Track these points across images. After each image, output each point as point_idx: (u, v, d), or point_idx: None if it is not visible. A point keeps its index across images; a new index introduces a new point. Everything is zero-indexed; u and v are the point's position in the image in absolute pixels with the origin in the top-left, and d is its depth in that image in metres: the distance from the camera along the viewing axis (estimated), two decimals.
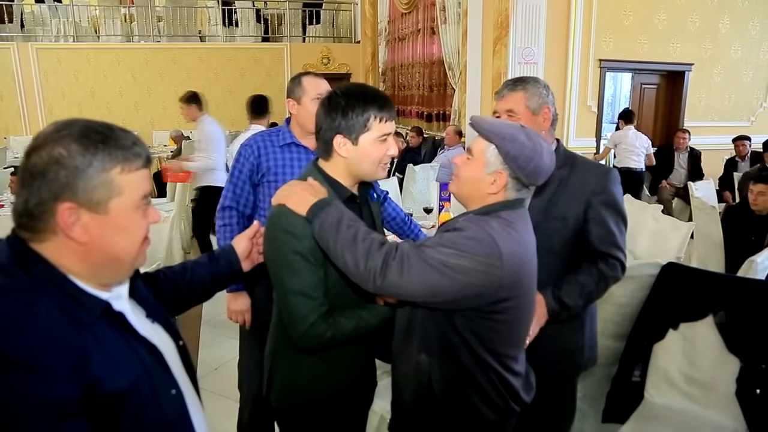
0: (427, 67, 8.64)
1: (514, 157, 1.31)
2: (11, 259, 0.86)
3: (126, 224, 0.91)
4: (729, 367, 2.08)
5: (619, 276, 1.76)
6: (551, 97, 1.80)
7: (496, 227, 1.28)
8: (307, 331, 1.35)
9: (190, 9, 11.55)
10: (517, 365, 1.42)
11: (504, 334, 1.35)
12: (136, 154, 0.91)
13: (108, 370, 0.86)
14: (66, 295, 0.87)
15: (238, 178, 2.18)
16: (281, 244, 1.35)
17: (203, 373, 3.46)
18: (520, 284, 1.32)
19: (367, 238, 1.26)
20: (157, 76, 10.96)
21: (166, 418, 0.96)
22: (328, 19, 12.33)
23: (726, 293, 2.12)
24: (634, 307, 2.38)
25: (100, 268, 0.91)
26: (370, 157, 1.40)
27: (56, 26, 11.08)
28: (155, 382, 0.95)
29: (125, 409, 0.88)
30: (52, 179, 0.84)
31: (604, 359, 2.50)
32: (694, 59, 6.73)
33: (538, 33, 5.82)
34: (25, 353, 0.78)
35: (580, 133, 6.36)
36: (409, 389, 1.43)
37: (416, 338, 1.39)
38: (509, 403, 1.40)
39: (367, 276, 1.24)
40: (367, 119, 1.37)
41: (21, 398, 0.77)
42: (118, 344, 0.90)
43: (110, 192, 0.88)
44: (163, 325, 1.07)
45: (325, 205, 1.30)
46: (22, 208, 0.87)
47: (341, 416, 1.57)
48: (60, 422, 0.79)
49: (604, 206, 1.72)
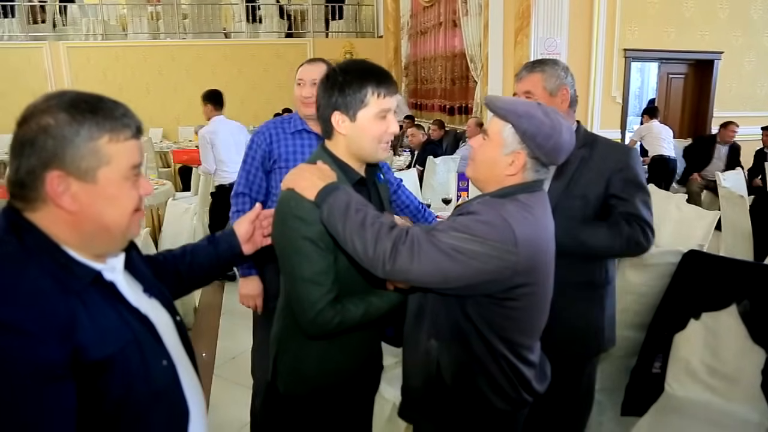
0: (449, 60, 8.58)
1: (532, 135, 1.25)
2: (5, 228, 0.87)
3: (115, 194, 0.91)
4: (754, 358, 2.01)
5: (642, 242, 1.68)
6: (570, 78, 1.78)
7: (512, 211, 1.23)
8: (316, 317, 1.33)
9: (214, 6, 11.70)
10: (531, 355, 1.38)
11: (518, 323, 1.31)
12: (125, 124, 0.91)
13: (95, 337, 0.86)
14: (57, 263, 0.88)
15: (251, 165, 2.20)
16: (290, 230, 1.33)
17: (221, 362, 3.51)
18: (536, 271, 1.27)
19: (376, 222, 1.22)
20: (182, 72, 11.12)
21: (156, 388, 0.96)
22: (351, 15, 12.34)
23: (750, 281, 2.04)
24: (655, 297, 2.32)
25: (91, 237, 0.91)
26: (370, 134, 1.36)
27: (86, 25, 11.34)
28: (145, 352, 0.95)
29: (113, 375, 0.88)
30: (41, 148, 0.85)
31: (623, 350, 2.44)
32: (724, 47, 6.53)
33: (561, 23, 5.72)
34: (12, 317, 0.79)
35: (604, 125, 6.23)
36: (419, 375, 1.41)
37: (426, 324, 1.36)
38: (521, 393, 1.36)
39: (376, 261, 1.20)
40: (365, 94, 1.33)
41: (8, 360, 0.78)
42: (107, 312, 0.91)
43: (98, 161, 0.88)
44: (160, 300, 1.08)
45: (333, 190, 1.26)
46: (14, 177, 0.87)
47: (348, 401, 1.56)
48: (46, 385, 0.80)
49: (626, 182, 1.69)
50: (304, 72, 2.15)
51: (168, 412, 1.00)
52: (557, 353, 1.69)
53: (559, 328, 1.67)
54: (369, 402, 1.72)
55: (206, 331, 4.00)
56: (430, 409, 1.41)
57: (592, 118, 6.16)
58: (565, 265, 1.71)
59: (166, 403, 0.99)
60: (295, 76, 2.21)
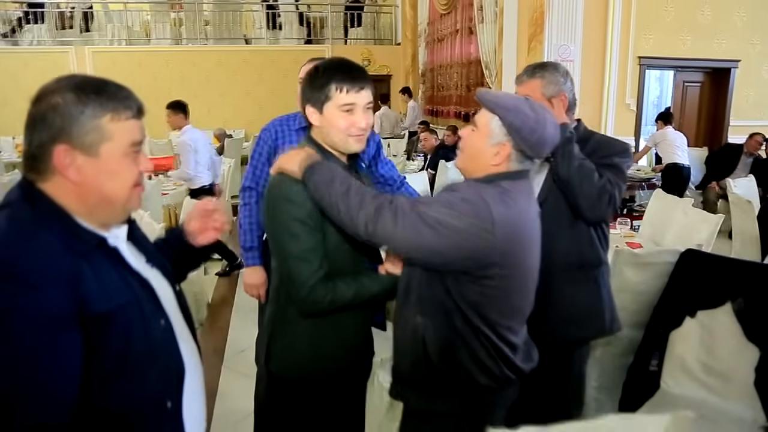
0: (465, 66, 8.63)
1: (518, 128, 1.32)
2: (20, 197, 0.98)
3: (116, 168, 1.00)
4: (748, 356, 2.03)
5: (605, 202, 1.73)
6: (569, 83, 1.86)
7: (492, 193, 1.31)
8: (308, 294, 1.40)
9: (235, 13, 11.92)
10: (513, 336, 1.42)
11: (496, 302, 1.37)
12: (127, 105, 1.00)
13: (98, 293, 0.95)
14: (65, 228, 0.97)
15: (258, 160, 2.30)
16: (280, 212, 1.41)
17: (231, 354, 3.62)
18: (513, 253, 1.33)
19: (361, 189, 1.32)
20: (203, 78, 11.33)
21: (154, 345, 1.05)
22: (370, 22, 12.47)
23: (745, 280, 2.06)
24: (653, 295, 2.34)
25: (95, 207, 1.00)
26: (335, 127, 1.43)
27: (111, 31, 11.63)
28: (144, 311, 1.04)
29: (115, 329, 0.98)
30: (50, 124, 0.95)
31: (622, 348, 2.47)
32: (741, 55, 6.49)
33: (575, 30, 5.76)
34: (24, 271, 0.89)
35: (618, 131, 6.22)
36: (406, 352, 1.47)
37: (413, 301, 1.42)
38: (503, 370, 1.41)
39: (359, 223, 1.28)
40: (329, 89, 1.41)
41: (21, 310, 0.87)
42: (110, 274, 1.00)
43: (101, 137, 0.97)
44: (161, 271, 1.16)
45: (317, 164, 1.36)
46: (27, 150, 0.98)
47: (340, 385, 1.62)
48: (56, 333, 0.90)
49: (607, 166, 1.77)
50: (304, 71, 2.23)
51: (165, 369, 1.08)
52: (552, 337, 1.74)
53: (553, 310, 1.74)
54: (361, 386, 1.77)
55: (218, 325, 4.10)
56: (417, 385, 1.46)
57: (605, 124, 6.17)
58: (557, 248, 1.78)
59: (163, 360, 1.08)
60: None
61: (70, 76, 0.99)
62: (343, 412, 1.74)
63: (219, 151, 8.33)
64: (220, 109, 11.37)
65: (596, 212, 1.73)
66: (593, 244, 1.82)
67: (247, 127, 10.91)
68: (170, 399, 1.09)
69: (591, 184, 1.70)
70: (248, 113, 10.98)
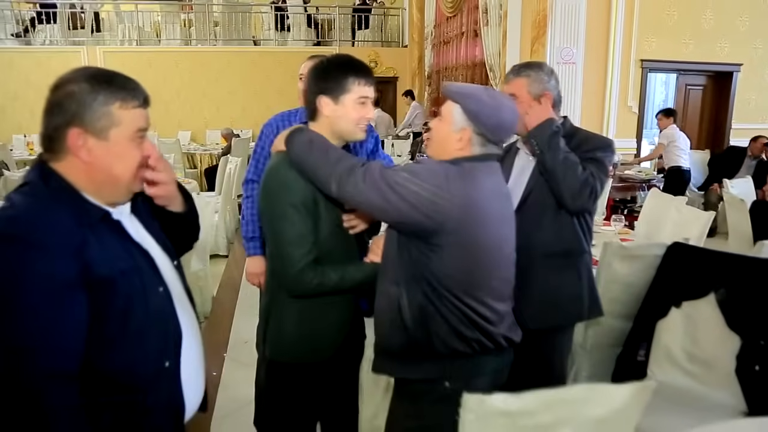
0: (470, 69, 8.72)
1: (476, 113, 1.45)
2: (37, 175, 1.12)
3: (122, 151, 1.13)
4: (729, 344, 2.10)
5: (586, 192, 1.81)
6: (554, 82, 1.96)
7: (452, 168, 1.44)
8: (297, 276, 1.51)
9: (245, 14, 12.05)
10: (485, 310, 1.48)
11: (457, 273, 1.45)
12: (134, 95, 1.13)
13: (101, 259, 1.09)
14: (74, 202, 1.10)
15: (260, 154, 2.41)
16: (276, 197, 1.51)
17: (234, 345, 3.73)
18: (468, 224, 1.43)
19: (339, 152, 1.47)
20: (212, 78, 11.47)
21: (153, 308, 1.17)
22: (377, 24, 12.57)
23: (727, 271, 2.14)
24: (641, 287, 2.42)
25: (102, 185, 1.14)
26: (350, 116, 1.56)
27: (122, 31, 11.80)
28: (144, 278, 1.17)
29: (116, 292, 1.10)
30: (67, 109, 1.08)
31: (612, 339, 2.55)
32: (744, 59, 6.55)
33: (578, 33, 5.83)
34: (37, 236, 1.02)
35: (620, 134, 6.29)
36: (384, 322, 1.55)
37: (389, 271, 1.53)
38: (478, 336, 1.48)
39: (332, 179, 1.42)
40: (347, 81, 1.54)
41: (33, 272, 1.01)
42: (113, 244, 1.13)
43: (110, 122, 1.10)
44: (161, 245, 1.29)
45: (297, 131, 1.51)
46: (45, 132, 1.11)
47: (332, 367, 1.71)
48: (63, 292, 1.03)
49: (590, 160, 1.85)
50: (304, 68, 2.34)
51: (163, 332, 1.20)
52: (535, 321, 1.82)
53: (537, 296, 1.83)
54: (354, 369, 1.86)
55: (222, 318, 4.20)
56: (397, 355, 1.54)
57: (607, 127, 6.23)
58: (542, 237, 1.87)
59: (162, 324, 1.20)
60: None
61: (85, 68, 1.13)
62: (337, 393, 1.83)
63: (226, 150, 8.45)
64: (229, 108, 11.51)
65: (578, 202, 1.81)
66: (576, 233, 1.91)
67: (254, 127, 11.03)
68: (168, 359, 1.20)
69: (574, 175, 1.78)
70: (256, 113, 11.09)
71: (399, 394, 1.63)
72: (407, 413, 1.58)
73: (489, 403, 1.12)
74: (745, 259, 2.19)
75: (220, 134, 9.82)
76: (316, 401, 1.77)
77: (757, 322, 2.03)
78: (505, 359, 1.59)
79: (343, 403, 1.90)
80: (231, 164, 6.61)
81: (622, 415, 1.17)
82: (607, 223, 3.60)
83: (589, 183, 1.80)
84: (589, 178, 1.80)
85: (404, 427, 1.60)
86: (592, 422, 1.15)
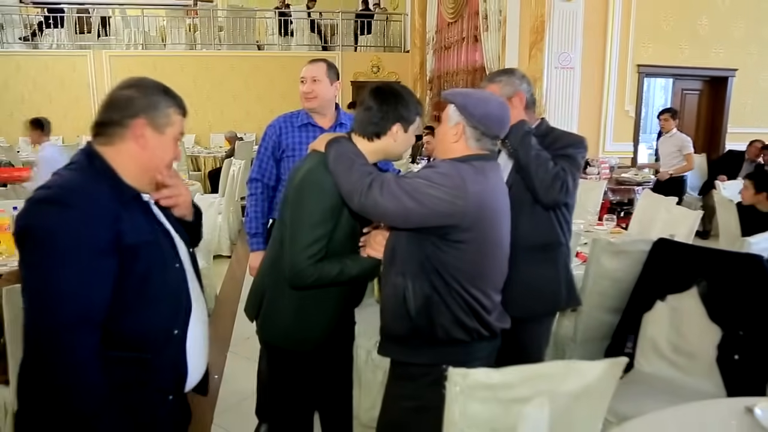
0: (470, 74, 8.83)
1: (464, 106, 1.60)
2: (84, 156, 1.30)
3: (167, 147, 1.35)
4: (711, 335, 2.19)
5: (557, 186, 1.91)
6: (526, 85, 2.08)
7: (465, 168, 1.55)
8: (299, 271, 1.63)
9: (249, 19, 12.21)
10: (485, 299, 1.62)
11: (467, 265, 1.57)
12: (181, 106, 1.37)
13: (131, 229, 1.26)
14: (112, 181, 1.28)
15: (264, 154, 2.53)
16: (310, 196, 1.63)
17: (236, 341, 3.83)
18: (483, 221, 1.56)
19: (362, 167, 1.59)
20: (216, 82, 11.62)
21: (169, 279, 1.34)
22: (379, 30, 12.71)
23: (708, 265, 2.24)
24: (629, 282, 2.52)
25: (144, 170, 1.33)
26: (407, 145, 1.73)
27: (128, 36, 11.96)
28: (164, 252, 1.34)
29: (138, 259, 1.27)
30: (137, 104, 1.29)
31: (601, 333, 2.64)
32: (739, 65, 6.65)
33: (575, 38, 5.94)
34: (78, 202, 1.19)
35: (617, 138, 6.40)
36: (390, 310, 1.67)
37: (397, 264, 1.64)
38: (476, 324, 1.60)
39: (354, 193, 1.55)
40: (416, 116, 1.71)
41: (71, 229, 1.16)
42: (141, 219, 1.31)
43: (168, 121, 1.33)
44: (179, 234, 1.44)
45: (335, 142, 1.65)
46: (103, 120, 1.30)
47: (324, 354, 1.81)
48: (99, 255, 1.19)
49: (562, 156, 1.96)
50: (305, 71, 2.45)
51: (176, 303, 1.35)
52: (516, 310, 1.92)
53: (517, 286, 1.91)
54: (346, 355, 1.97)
55: (225, 315, 4.30)
56: (400, 341, 1.66)
57: (605, 131, 6.34)
58: (521, 231, 1.97)
59: (175, 296, 1.35)
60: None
61: (144, 78, 1.35)
62: (331, 379, 1.94)
63: (229, 153, 8.57)
64: (233, 112, 11.65)
65: (550, 196, 1.92)
66: (553, 227, 2.02)
67: (258, 131, 11.16)
68: (177, 328, 1.35)
69: (546, 170, 1.90)
70: (260, 117, 11.22)
71: (397, 376, 1.74)
72: (405, 394, 1.69)
73: (472, 376, 1.23)
74: (724, 254, 2.29)
75: (223, 137, 9.96)
76: (311, 386, 1.86)
77: (736, 313, 2.13)
78: (495, 344, 1.71)
79: (337, 389, 2.01)
80: (234, 167, 6.71)
81: (597, 389, 1.27)
82: (600, 224, 3.70)
83: (560, 177, 1.90)
84: (560, 173, 1.91)
85: (402, 407, 1.70)
86: (569, 396, 1.25)
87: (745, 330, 2.10)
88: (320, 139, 1.71)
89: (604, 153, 6.28)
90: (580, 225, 3.29)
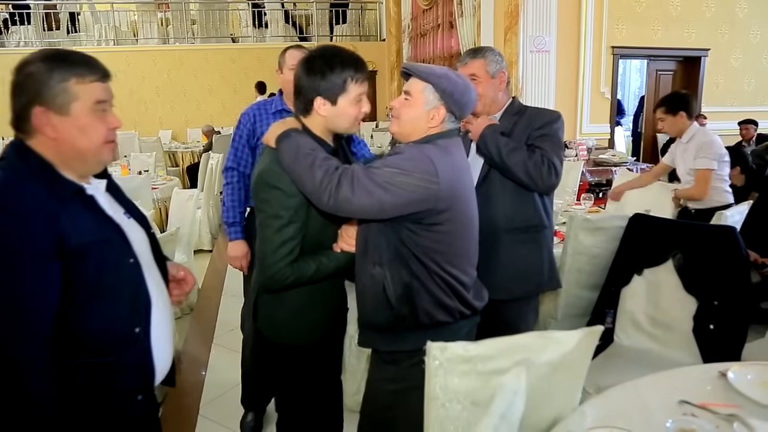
0: (446, 60, 8.81)
1: (450, 92, 1.53)
2: (15, 152, 1.19)
3: (85, 124, 1.18)
4: (687, 306, 2.23)
5: (544, 172, 1.90)
6: (504, 63, 2.08)
7: (432, 150, 1.51)
8: (274, 274, 1.56)
9: (222, 12, 12.06)
10: (464, 276, 1.61)
11: (446, 246, 1.56)
12: (90, 71, 1.18)
13: (74, 231, 1.15)
14: (48, 177, 1.17)
15: (239, 142, 2.50)
16: (271, 198, 1.53)
17: (220, 333, 3.81)
18: (456, 199, 1.54)
19: (324, 164, 1.46)
20: (191, 76, 11.47)
21: (123, 279, 1.26)
22: (355, 19, 12.64)
23: (683, 238, 2.27)
24: (606, 258, 2.55)
25: (71, 159, 1.20)
26: (348, 116, 1.55)
27: (98, 31, 11.73)
28: (115, 249, 1.24)
29: (88, 262, 1.17)
30: (28, 89, 1.15)
31: (581, 309, 2.67)
32: (711, 44, 6.74)
33: (550, 21, 5.95)
34: (11, 204, 1.10)
35: (593, 119, 6.45)
36: (369, 302, 1.63)
37: (371, 254, 1.59)
38: (457, 304, 1.59)
39: (322, 194, 1.44)
40: (345, 81, 1.51)
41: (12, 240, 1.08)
42: (86, 216, 1.20)
43: (69, 97, 1.15)
44: (137, 220, 1.36)
45: (286, 137, 1.51)
46: (15, 113, 1.17)
47: (321, 342, 1.78)
48: (39, 261, 1.11)
49: (542, 136, 1.95)
50: (290, 57, 2.41)
51: (133, 300, 1.28)
52: (499, 292, 1.93)
53: (500, 268, 1.92)
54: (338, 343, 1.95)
55: (208, 308, 4.27)
56: (384, 330, 1.62)
57: (581, 113, 6.38)
58: (504, 213, 1.97)
59: (131, 293, 1.27)
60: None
61: (43, 49, 1.20)
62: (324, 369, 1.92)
63: (207, 147, 8.47)
64: (209, 106, 11.52)
65: (542, 183, 1.91)
66: (537, 209, 2.01)
67: (235, 124, 11.03)
68: (138, 326, 1.28)
69: (526, 163, 1.88)
70: (236, 110, 10.90)
71: (380, 360, 1.71)
72: (388, 377, 1.67)
73: (451, 350, 1.23)
74: (698, 227, 2.33)
75: (201, 132, 9.85)
76: (319, 376, 1.83)
77: (711, 284, 2.17)
78: (475, 321, 1.70)
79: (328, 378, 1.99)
80: (212, 160, 6.64)
81: (574, 357, 1.27)
82: (577, 203, 3.73)
83: (545, 162, 1.89)
84: (543, 158, 1.90)
85: (386, 390, 1.68)
86: (548, 365, 1.26)
87: (720, 300, 2.14)
88: (270, 132, 1.56)
89: (581, 135, 6.32)
90: (558, 204, 3.31)
